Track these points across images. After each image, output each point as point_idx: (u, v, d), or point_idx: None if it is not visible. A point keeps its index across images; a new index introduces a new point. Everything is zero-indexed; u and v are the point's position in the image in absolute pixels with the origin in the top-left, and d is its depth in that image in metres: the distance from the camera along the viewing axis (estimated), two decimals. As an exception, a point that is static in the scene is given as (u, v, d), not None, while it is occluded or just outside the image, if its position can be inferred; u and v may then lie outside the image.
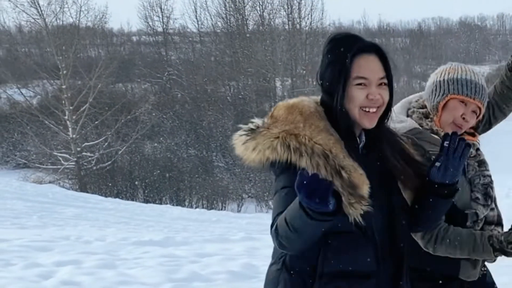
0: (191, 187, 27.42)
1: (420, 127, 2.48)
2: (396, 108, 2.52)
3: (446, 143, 2.01)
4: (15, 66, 34.67)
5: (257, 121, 2.05)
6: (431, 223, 2.23)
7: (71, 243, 7.46)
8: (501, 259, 2.52)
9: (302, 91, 32.65)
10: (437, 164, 2.03)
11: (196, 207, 23.78)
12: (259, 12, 41.85)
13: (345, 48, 1.96)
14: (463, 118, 2.45)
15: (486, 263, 2.62)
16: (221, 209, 24.02)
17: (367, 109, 1.96)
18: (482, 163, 2.57)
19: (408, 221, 2.10)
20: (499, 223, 2.57)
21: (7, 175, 26.22)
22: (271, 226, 1.92)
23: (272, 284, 2.04)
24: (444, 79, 2.49)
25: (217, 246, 7.74)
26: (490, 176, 2.57)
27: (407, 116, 2.58)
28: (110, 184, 27.05)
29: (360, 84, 1.95)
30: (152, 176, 27.12)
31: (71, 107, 29.74)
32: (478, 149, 2.59)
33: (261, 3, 41.63)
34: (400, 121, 2.48)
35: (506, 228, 2.48)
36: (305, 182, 1.66)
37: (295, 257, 1.99)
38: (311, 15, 42.66)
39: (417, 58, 56.69)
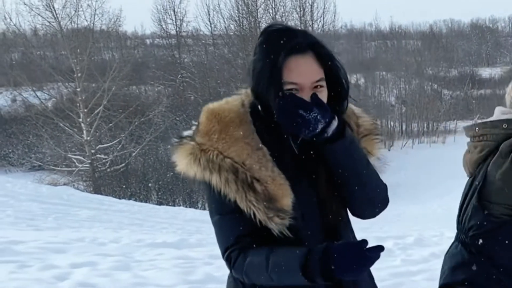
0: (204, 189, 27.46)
1: None
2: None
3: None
4: (30, 69, 34.91)
5: (194, 123, 1.85)
6: (354, 186, 1.76)
7: (86, 244, 7.48)
8: None
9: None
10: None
11: (209, 209, 23.78)
12: (271, 15, 41.87)
13: (277, 46, 1.67)
14: None
15: None
16: (234, 211, 24.01)
17: None
18: None
19: (346, 220, 1.87)
20: None
21: (22, 177, 26.40)
22: (224, 254, 1.77)
23: None
24: None
25: (230, 248, 7.74)
26: None
27: None
28: (124, 186, 27.20)
29: (291, 89, 1.66)
30: (166, 178, 27.21)
31: (85, 110, 29.96)
32: None
33: (273, 6, 41.71)
34: None
35: None
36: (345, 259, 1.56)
37: None
38: (323, 18, 42.78)
39: (428, 60, 56.38)
